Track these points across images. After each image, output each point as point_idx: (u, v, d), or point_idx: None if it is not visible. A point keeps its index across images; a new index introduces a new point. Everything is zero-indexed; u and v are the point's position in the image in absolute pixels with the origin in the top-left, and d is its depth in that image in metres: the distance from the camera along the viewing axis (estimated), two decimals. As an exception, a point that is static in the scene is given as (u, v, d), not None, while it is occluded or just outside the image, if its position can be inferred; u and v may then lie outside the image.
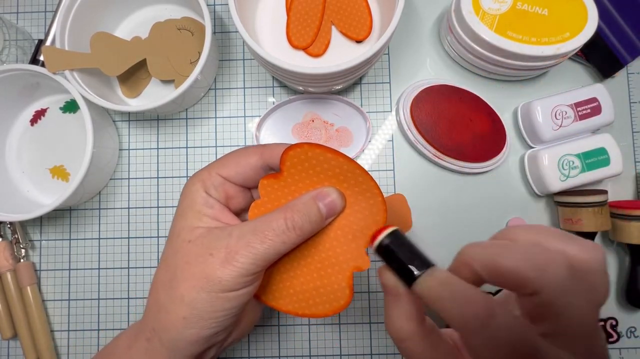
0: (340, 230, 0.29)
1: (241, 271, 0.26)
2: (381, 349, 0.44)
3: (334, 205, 0.28)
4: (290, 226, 0.27)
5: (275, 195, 0.29)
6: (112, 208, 0.46)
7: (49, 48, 0.40)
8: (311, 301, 0.29)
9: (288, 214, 0.27)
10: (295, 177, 0.29)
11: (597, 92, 0.43)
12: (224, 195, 0.30)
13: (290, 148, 0.28)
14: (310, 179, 0.29)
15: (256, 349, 0.44)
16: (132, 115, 0.47)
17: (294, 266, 0.30)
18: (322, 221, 0.28)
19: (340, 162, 0.28)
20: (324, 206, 0.28)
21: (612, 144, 0.42)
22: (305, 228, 0.27)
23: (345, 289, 0.29)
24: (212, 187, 0.30)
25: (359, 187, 0.28)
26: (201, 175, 0.30)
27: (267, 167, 0.30)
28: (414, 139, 0.44)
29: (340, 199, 0.28)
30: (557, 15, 0.39)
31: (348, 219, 0.29)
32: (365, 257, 0.29)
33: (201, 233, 0.28)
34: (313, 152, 0.28)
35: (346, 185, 0.28)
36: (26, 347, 0.44)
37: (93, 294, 0.46)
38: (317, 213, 0.27)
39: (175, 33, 0.43)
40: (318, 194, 0.28)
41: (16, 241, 0.45)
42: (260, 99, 0.47)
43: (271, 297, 0.30)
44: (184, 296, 0.27)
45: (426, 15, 0.47)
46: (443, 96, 0.43)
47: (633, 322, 0.44)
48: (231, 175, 0.30)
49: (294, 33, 0.42)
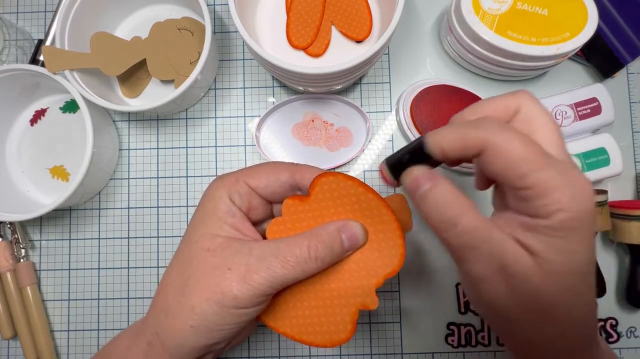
0: (355, 264, 0.29)
1: (257, 291, 0.26)
2: (381, 349, 0.44)
3: (357, 239, 0.28)
4: (312, 255, 0.27)
5: (298, 217, 0.29)
6: (112, 208, 0.46)
7: (49, 48, 0.40)
8: (311, 328, 0.29)
9: (312, 243, 0.27)
10: (322, 203, 0.29)
11: (597, 92, 0.43)
12: (247, 205, 0.30)
13: (324, 175, 0.28)
14: (335, 209, 0.29)
15: (256, 349, 0.44)
16: (132, 115, 0.47)
17: (301, 291, 0.29)
18: (343, 254, 0.28)
19: (369, 198, 0.28)
20: (346, 239, 0.28)
21: (612, 144, 0.42)
22: (326, 260, 0.27)
23: (348, 324, 0.28)
24: (237, 195, 0.29)
25: (382, 226, 0.28)
26: (227, 181, 0.30)
27: (296, 186, 0.30)
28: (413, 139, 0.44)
29: (364, 235, 0.28)
30: (557, 15, 0.39)
31: (364, 255, 0.29)
32: (374, 297, 0.28)
33: (221, 243, 0.28)
34: (345, 183, 0.28)
35: (370, 221, 0.28)
36: (26, 347, 0.44)
37: (93, 294, 0.46)
38: (340, 246, 0.28)
39: (175, 33, 0.43)
40: (343, 226, 0.28)
41: (16, 241, 0.45)
42: (260, 99, 0.47)
43: (272, 317, 0.30)
44: (195, 306, 0.27)
45: (426, 15, 0.47)
46: (443, 96, 0.43)
47: (633, 322, 0.44)
48: (259, 186, 0.30)
49: (294, 33, 0.42)
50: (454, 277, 0.44)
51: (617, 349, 0.43)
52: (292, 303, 0.30)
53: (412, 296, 0.44)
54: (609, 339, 0.43)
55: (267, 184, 0.30)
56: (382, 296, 0.44)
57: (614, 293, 0.44)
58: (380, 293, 0.44)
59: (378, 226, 0.28)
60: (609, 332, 0.43)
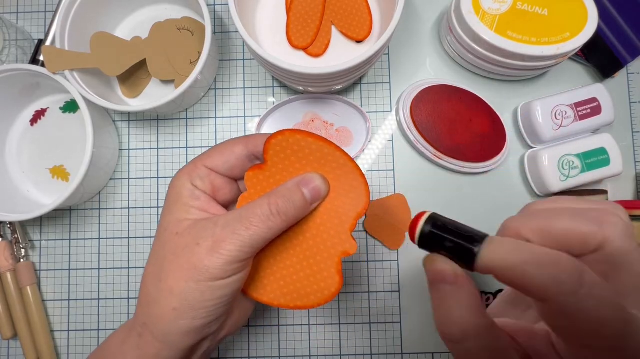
0: (326, 215, 0.29)
1: (228, 258, 0.26)
2: (381, 349, 0.44)
3: (318, 190, 0.28)
4: (274, 211, 0.27)
5: (262, 186, 0.29)
6: (112, 208, 0.46)
7: (49, 48, 0.40)
8: (302, 291, 0.29)
9: (272, 200, 0.27)
10: (280, 166, 0.29)
11: (597, 92, 0.43)
12: (210, 186, 0.30)
13: (272, 136, 0.28)
14: (293, 167, 0.29)
15: (256, 349, 0.44)
16: (132, 115, 0.47)
17: (283, 257, 0.30)
18: (307, 207, 0.28)
19: (320, 146, 0.28)
20: (308, 192, 0.28)
21: (612, 144, 0.42)
22: (290, 213, 0.27)
23: (335, 275, 0.29)
24: (197, 179, 0.30)
25: (341, 170, 0.28)
26: (187, 168, 0.30)
27: (253, 157, 0.31)
28: (414, 139, 0.44)
29: (324, 184, 0.28)
30: (557, 15, 0.39)
31: (333, 204, 0.29)
32: (352, 242, 0.29)
33: (188, 225, 0.28)
34: (294, 138, 0.28)
35: (328, 169, 0.28)
36: (26, 347, 0.44)
37: (93, 294, 0.46)
38: (301, 198, 0.28)
39: (175, 33, 0.43)
40: (302, 180, 0.28)
41: (16, 241, 0.45)
42: (260, 99, 0.47)
43: (262, 292, 0.30)
44: (172, 287, 0.27)
45: (426, 15, 0.47)
46: (443, 96, 0.43)
47: (633, 322, 0.44)
48: (216, 165, 0.30)
49: (294, 33, 0.42)
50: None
51: (617, 349, 0.43)
52: (278, 272, 0.30)
53: (412, 296, 0.44)
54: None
55: (224, 161, 0.30)
56: (382, 296, 0.44)
57: (614, 293, 0.44)
58: (380, 293, 0.44)
59: (337, 171, 0.28)
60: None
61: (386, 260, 0.45)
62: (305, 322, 0.45)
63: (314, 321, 0.44)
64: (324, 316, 0.44)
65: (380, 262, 0.45)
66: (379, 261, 0.45)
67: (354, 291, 0.45)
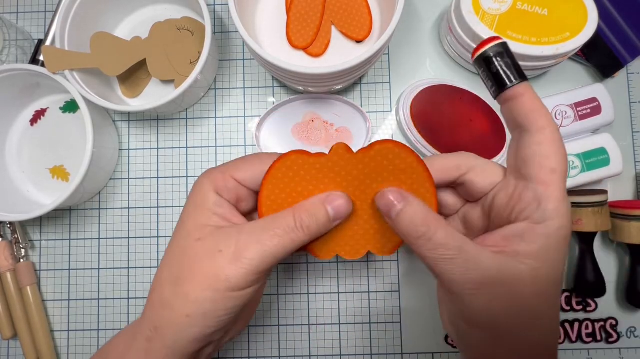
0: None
1: (250, 267, 0.26)
2: (381, 349, 0.44)
3: (341, 209, 0.29)
4: (299, 225, 0.27)
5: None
6: (112, 208, 0.46)
7: (49, 48, 0.40)
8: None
9: (297, 214, 0.28)
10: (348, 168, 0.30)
11: (597, 92, 0.43)
12: (235, 198, 0.30)
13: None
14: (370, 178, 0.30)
15: (256, 349, 0.44)
16: (132, 115, 0.47)
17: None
18: (329, 224, 0.29)
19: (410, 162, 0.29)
20: (332, 209, 0.28)
21: (612, 144, 0.42)
22: (312, 228, 0.28)
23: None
24: (224, 190, 0.29)
25: (417, 182, 0.29)
26: (214, 176, 0.30)
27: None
28: (414, 139, 0.44)
29: (348, 204, 0.29)
30: (557, 15, 0.39)
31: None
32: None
33: (210, 231, 0.28)
34: (396, 150, 0.29)
35: (404, 179, 0.29)
36: (26, 347, 0.44)
37: (93, 294, 0.46)
38: (325, 215, 0.28)
39: (175, 33, 0.43)
40: (327, 198, 0.29)
41: (16, 241, 0.45)
42: (260, 99, 0.47)
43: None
44: (189, 293, 0.26)
45: (426, 15, 0.47)
46: (443, 96, 0.43)
47: (633, 322, 0.44)
48: (245, 179, 0.30)
49: (294, 33, 0.42)
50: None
51: (617, 349, 0.43)
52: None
53: (412, 296, 0.44)
54: (609, 339, 0.43)
55: (252, 176, 0.30)
56: (382, 296, 0.44)
57: (614, 293, 0.44)
58: (380, 293, 0.44)
59: (412, 181, 0.29)
60: (609, 332, 0.43)
61: (386, 260, 0.45)
62: (305, 322, 0.45)
63: (314, 321, 0.44)
64: (324, 316, 0.44)
65: (380, 262, 0.45)
66: (379, 261, 0.45)
67: (354, 291, 0.45)
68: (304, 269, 0.45)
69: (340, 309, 0.44)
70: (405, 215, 0.26)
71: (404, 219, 0.26)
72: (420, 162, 0.29)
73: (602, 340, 0.43)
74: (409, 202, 0.26)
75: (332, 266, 0.45)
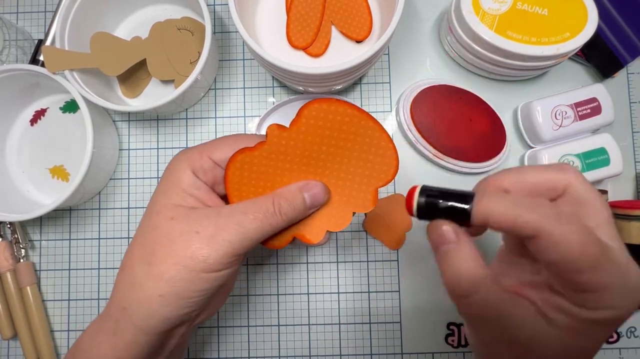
0: (349, 180, 0.31)
1: (228, 249, 0.26)
2: (381, 349, 0.44)
3: (318, 196, 0.29)
4: (277, 210, 0.28)
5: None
6: (112, 208, 0.46)
7: (49, 48, 0.40)
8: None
9: (276, 200, 0.28)
10: (309, 131, 0.30)
11: (597, 92, 0.43)
12: (212, 179, 0.30)
13: (307, 104, 0.29)
14: (324, 134, 0.30)
15: (256, 349, 0.44)
16: (132, 115, 0.47)
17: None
18: (306, 210, 0.29)
19: (357, 116, 0.29)
20: (308, 197, 0.29)
21: (612, 144, 0.42)
22: (290, 214, 0.28)
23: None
24: (201, 170, 0.29)
25: (373, 139, 0.30)
26: (190, 155, 0.29)
27: None
28: (414, 139, 0.44)
29: (325, 192, 0.30)
30: (557, 15, 0.39)
31: (361, 167, 0.30)
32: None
33: (185, 211, 0.28)
34: (333, 106, 0.29)
35: (360, 137, 0.30)
36: (26, 347, 0.44)
37: (93, 294, 0.46)
38: (302, 202, 0.29)
39: (175, 33, 0.43)
40: (305, 186, 0.29)
41: (16, 241, 0.45)
42: (260, 99, 0.47)
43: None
44: (163, 273, 0.26)
45: (426, 15, 0.47)
46: (443, 96, 0.43)
47: (633, 322, 0.44)
48: (222, 160, 0.30)
49: (294, 33, 0.42)
50: (454, 277, 0.44)
51: (617, 349, 0.43)
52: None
53: (412, 296, 0.44)
54: (609, 339, 0.43)
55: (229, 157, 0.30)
56: (382, 296, 0.44)
57: (614, 293, 0.44)
58: (380, 293, 0.44)
59: (367, 139, 0.29)
60: (609, 332, 0.43)
61: (386, 260, 0.45)
62: (305, 322, 0.45)
63: (314, 321, 0.44)
64: (324, 316, 0.44)
65: (380, 262, 0.45)
66: (379, 261, 0.45)
67: (354, 291, 0.45)
68: (304, 269, 0.45)
69: (340, 309, 0.44)
70: (453, 258, 0.23)
71: (449, 263, 0.23)
72: (358, 109, 0.29)
73: (602, 340, 0.43)
74: (461, 245, 0.23)
75: (332, 266, 0.45)
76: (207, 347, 0.45)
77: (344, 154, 0.30)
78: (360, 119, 0.29)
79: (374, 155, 0.30)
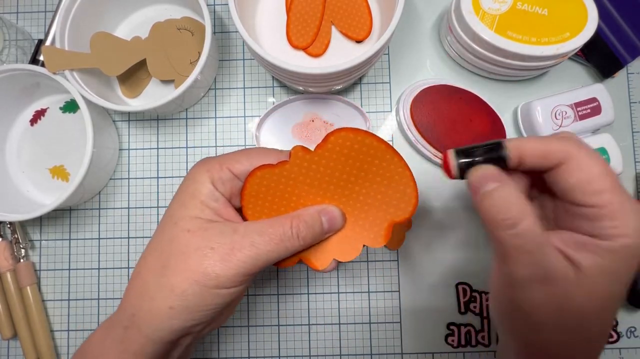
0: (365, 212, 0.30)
1: (240, 269, 0.26)
2: (381, 349, 0.44)
3: (335, 221, 0.29)
4: (295, 233, 0.28)
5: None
6: (112, 208, 0.46)
7: (49, 48, 0.40)
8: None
9: (294, 222, 0.28)
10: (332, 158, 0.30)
11: (597, 92, 0.43)
12: (229, 191, 0.30)
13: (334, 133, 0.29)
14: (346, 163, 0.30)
15: (256, 349, 0.44)
16: (132, 115, 0.47)
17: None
18: (323, 234, 0.29)
19: (382, 149, 0.30)
20: (326, 221, 0.29)
21: (612, 144, 0.42)
22: (307, 238, 0.28)
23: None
24: (219, 181, 0.29)
25: (395, 175, 0.30)
26: (211, 166, 0.29)
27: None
28: (414, 139, 0.44)
29: (341, 217, 0.30)
30: (557, 15, 0.39)
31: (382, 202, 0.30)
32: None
33: (202, 225, 0.28)
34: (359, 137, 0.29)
35: (382, 170, 0.30)
36: (26, 347, 0.44)
37: (93, 294, 0.46)
38: (320, 226, 0.29)
39: (175, 33, 0.43)
40: (322, 209, 0.29)
41: (16, 241, 0.45)
42: (260, 99, 0.47)
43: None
44: (174, 286, 0.26)
45: (426, 15, 0.47)
46: (443, 96, 0.43)
47: (633, 322, 0.44)
48: (242, 172, 0.29)
49: (294, 33, 0.42)
50: (454, 277, 0.44)
51: (617, 349, 0.43)
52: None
53: (412, 296, 0.44)
54: (609, 339, 0.43)
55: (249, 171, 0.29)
56: (382, 296, 0.44)
57: (614, 293, 0.44)
58: (380, 293, 0.44)
59: (389, 174, 0.30)
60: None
61: (386, 260, 0.45)
62: (305, 322, 0.45)
63: (314, 321, 0.44)
64: (324, 316, 0.44)
65: (380, 262, 0.45)
66: (379, 261, 0.45)
67: (354, 291, 0.45)
68: (304, 269, 0.45)
69: (340, 309, 0.44)
70: (497, 193, 0.25)
71: (494, 197, 0.25)
72: (384, 143, 0.29)
73: (602, 340, 0.43)
74: (506, 184, 0.25)
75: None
76: (207, 347, 0.45)
77: (364, 184, 0.30)
78: (385, 152, 0.29)
79: (393, 190, 0.30)
